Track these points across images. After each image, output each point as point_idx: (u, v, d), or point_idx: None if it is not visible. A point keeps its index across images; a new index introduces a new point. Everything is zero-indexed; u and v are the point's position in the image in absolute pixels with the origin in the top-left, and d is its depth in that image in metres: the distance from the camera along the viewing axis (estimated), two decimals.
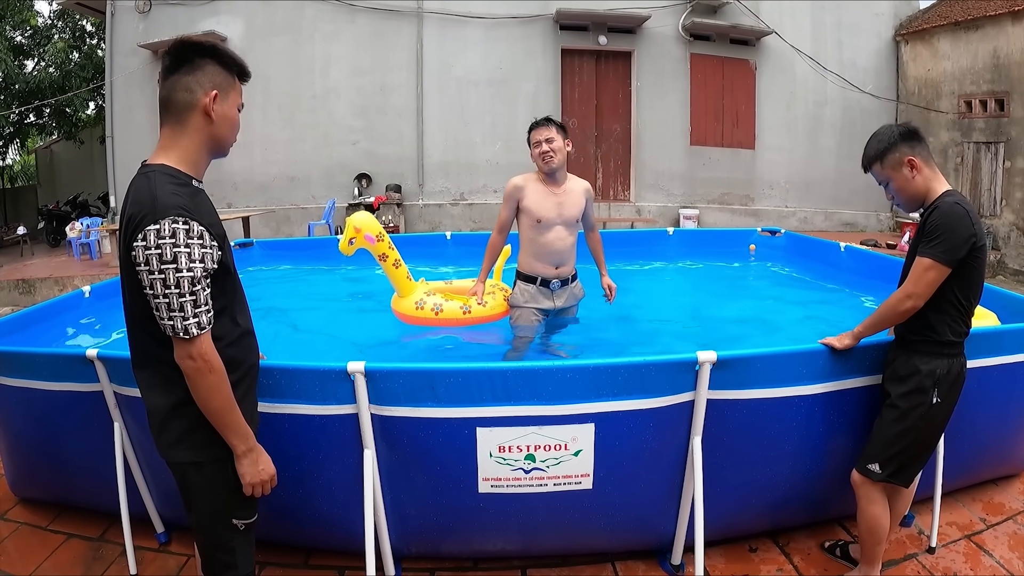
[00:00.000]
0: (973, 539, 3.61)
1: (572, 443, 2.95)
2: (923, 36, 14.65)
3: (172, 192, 2.05)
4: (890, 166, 2.96)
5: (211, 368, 2.09)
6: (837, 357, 3.16)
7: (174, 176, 2.12)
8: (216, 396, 2.13)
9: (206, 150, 2.25)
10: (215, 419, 2.17)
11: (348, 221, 4.85)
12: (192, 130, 2.19)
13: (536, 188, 4.55)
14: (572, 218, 4.57)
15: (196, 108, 2.17)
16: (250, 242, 7.90)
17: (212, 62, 2.20)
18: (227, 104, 2.23)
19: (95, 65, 18.93)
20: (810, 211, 15.43)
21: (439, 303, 4.90)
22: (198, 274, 2.04)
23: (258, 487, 2.31)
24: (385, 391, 2.90)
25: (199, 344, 2.07)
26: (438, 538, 3.31)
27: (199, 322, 2.05)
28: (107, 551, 3.60)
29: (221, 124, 2.23)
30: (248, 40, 14.13)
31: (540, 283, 4.64)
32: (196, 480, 2.30)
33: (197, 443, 2.24)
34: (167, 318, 2.03)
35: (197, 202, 2.12)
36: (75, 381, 3.29)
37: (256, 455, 2.29)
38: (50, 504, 4.01)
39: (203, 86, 2.17)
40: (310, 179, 14.39)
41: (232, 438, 2.21)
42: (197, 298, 2.04)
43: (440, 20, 14.03)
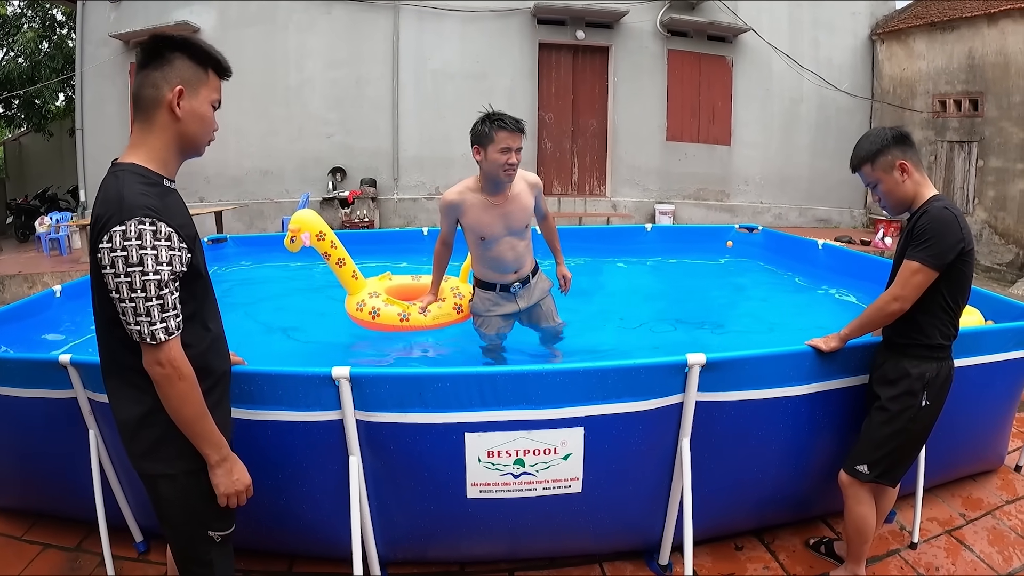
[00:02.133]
0: (953, 534, 3.67)
1: (561, 447, 2.93)
2: (899, 36, 14.77)
3: (140, 192, 1.98)
4: (881, 168, 2.97)
5: (181, 375, 2.03)
6: (823, 358, 3.18)
7: (143, 175, 2.05)
8: (187, 404, 2.06)
9: (175, 148, 2.16)
10: (186, 428, 2.10)
11: (292, 220, 4.75)
12: (159, 128, 2.11)
13: (476, 202, 4.16)
14: (520, 226, 4.24)
15: (162, 105, 2.08)
16: (223, 238, 7.78)
17: (182, 56, 2.12)
18: (196, 100, 2.14)
19: (65, 56, 18.63)
20: (785, 207, 15.54)
21: (377, 307, 4.74)
22: (165, 277, 1.96)
23: (233, 498, 2.25)
24: (371, 397, 2.86)
25: (167, 350, 1.99)
26: (425, 544, 3.28)
27: (167, 327, 1.98)
28: (85, 561, 3.52)
29: (189, 121, 2.14)
30: (221, 31, 13.93)
31: (499, 289, 4.42)
32: (169, 492, 2.22)
33: (168, 454, 2.17)
34: (134, 323, 1.96)
35: (167, 203, 2.06)
36: (48, 387, 3.19)
37: (230, 465, 2.23)
38: (25, 513, 3.91)
39: (169, 81, 2.09)
40: (284, 173, 14.25)
41: (205, 447, 2.15)
42: (165, 302, 1.97)
43: (417, 12, 13.94)
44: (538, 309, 4.55)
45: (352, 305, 4.89)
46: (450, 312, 4.72)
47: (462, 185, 4.22)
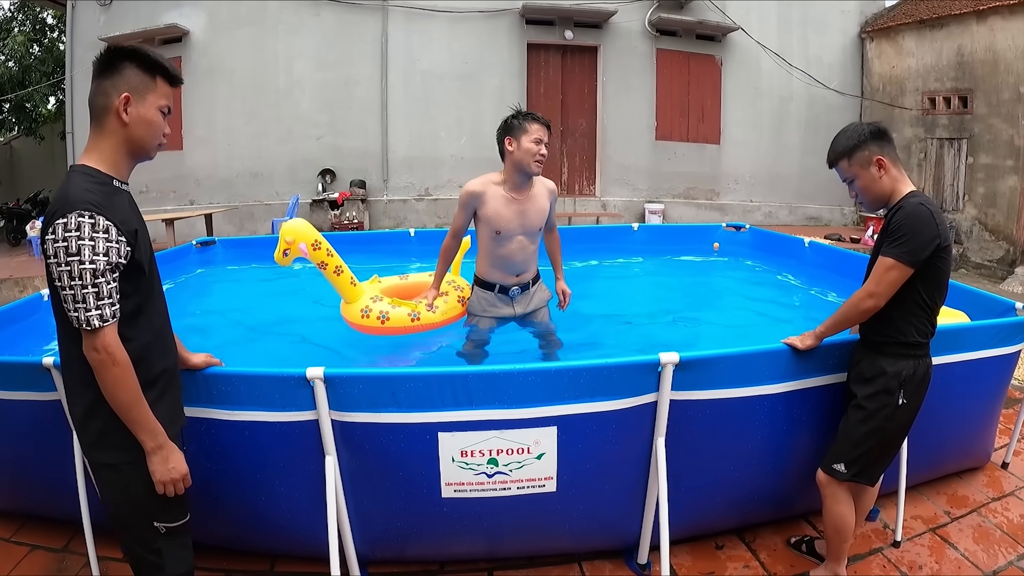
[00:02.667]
0: (938, 532, 3.67)
1: (535, 446, 2.95)
2: (888, 34, 14.80)
3: (85, 189, 2.12)
4: (858, 164, 2.97)
5: (115, 360, 2.13)
6: (799, 356, 3.18)
7: (92, 175, 2.19)
8: (121, 389, 2.16)
9: (124, 152, 2.28)
10: (122, 413, 2.20)
11: (281, 230, 4.56)
12: (109, 132, 2.24)
13: (496, 195, 4.22)
14: (535, 227, 4.30)
15: (110, 111, 2.21)
16: (212, 240, 7.78)
17: (131, 65, 2.23)
18: (143, 106, 2.25)
19: (56, 59, 18.59)
20: (775, 205, 15.55)
21: (385, 310, 4.60)
22: (101, 267, 2.07)
23: (169, 485, 2.32)
24: (345, 397, 2.87)
25: (102, 336, 2.10)
26: (403, 542, 3.29)
27: (102, 314, 2.08)
28: (71, 562, 3.54)
29: (136, 126, 2.25)
30: (211, 33, 13.96)
31: (498, 290, 4.43)
32: (112, 482, 2.34)
33: (112, 444, 2.27)
34: (73, 310, 2.08)
35: (112, 200, 2.17)
36: (32, 390, 3.21)
37: (166, 453, 2.30)
38: (13, 516, 3.92)
39: (118, 89, 2.21)
40: (274, 175, 14.22)
41: (140, 433, 2.23)
42: (100, 290, 2.07)
43: (405, 14, 13.92)
44: (533, 317, 4.55)
45: (355, 312, 4.69)
46: (456, 305, 4.70)
47: (485, 177, 4.27)
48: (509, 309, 4.45)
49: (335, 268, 4.67)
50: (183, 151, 14.13)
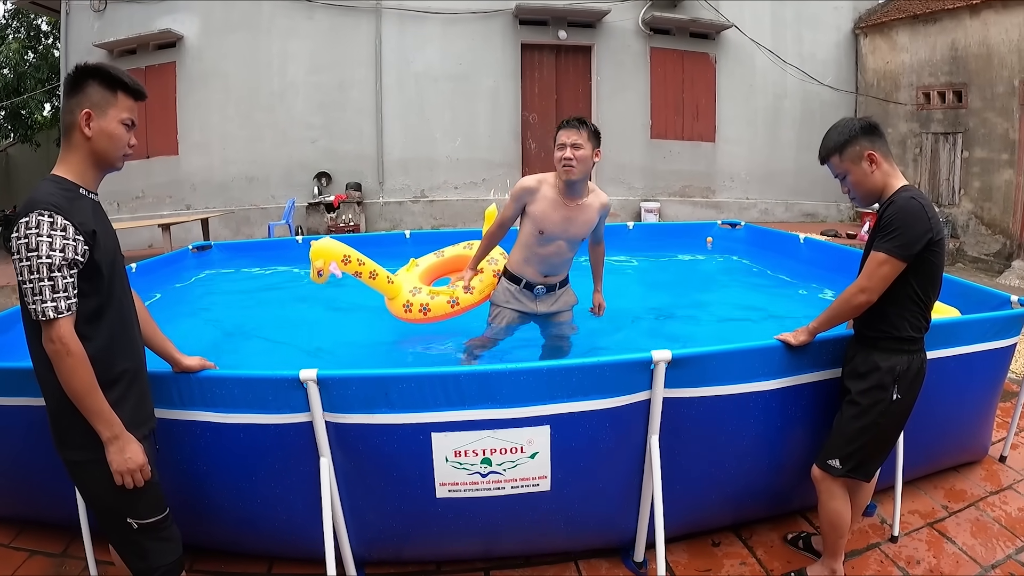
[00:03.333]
0: (935, 527, 3.66)
1: (528, 445, 2.95)
2: (882, 29, 14.80)
3: (48, 193, 2.25)
4: (849, 159, 2.96)
5: (68, 351, 2.21)
6: (793, 353, 3.19)
7: (59, 183, 2.32)
8: (75, 378, 2.24)
9: (90, 163, 2.41)
10: (77, 402, 2.27)
11: (312, 252, 4.61)
12: (74, 146, 2.38)
13: (548, 196, 4.22)
14: (578, 236, 4.29)
15: (75, 127, 2.36)
16: (208, 245, 7.79)
17: (93, 82, 2.37)
18: (104, 120, 2.38)
19: (51, 66, 18.57)
20: (771, 202, 15.56)
21: (425, 302, 4.74)
22: (56, 261, 2.17)
23: (127, 475, 2.37)
24: (339, 398, 2.89)
25: (57, 327, 2.19)
26: (399, 543, 3.30)
27: (56, 306, 2.18)
28: (70, 566, 3.56)
29: (99, 139, 2.38)
30: (205, 37, 13.97)
31: (524, 285, 4.45)
32: (80, 478, 2.47)
33: (76, 442, 2.37)
34: (31, 302, 2.19)
35: (74, 204, 2.28)
36: (26, 396, 3.21)
37: (123, 443, 2.35)
38: (12, 521, 3.94)
39: (80, 106, 2.35)
40: (269, 178, 14.22)
41: (96, 423, 2.31)
42: (55, 284, 2.17)
43: (399, 16, 13.92)
44: (555, 318, 4.59)
45: (398, 308, 4.84)
46: (492, 281, 4.79)
47: (543, 175, 4.31)
48: (531, 306, 4.49)
49: (370, 273, 4.77)
50: (179, 156, 14.15)
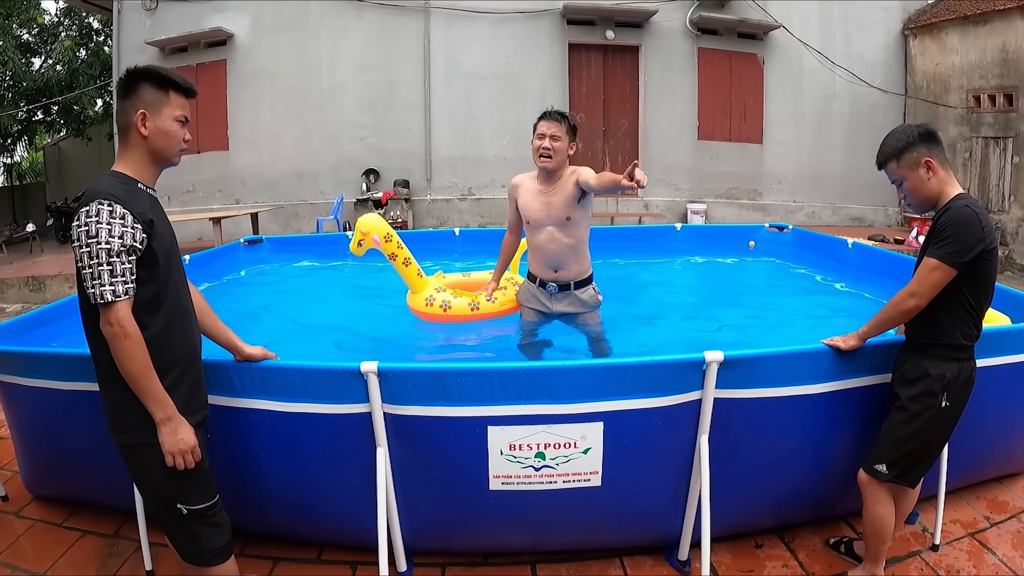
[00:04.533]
0: (976, 537, 3.62)
1: (581, 441, 3.00)
2: (931, 30, 14.57)
3: (108, 184, 2.38)
4: (906, 165, 2.97)
5: (126, 333, 2.30)
6: (842, 357, 3.19)
7: (117, 177, 2.44)
8: (131, 360, 2.33)
9: (148, 160, 2.53)
10: (132, 383, 2.36)
11: (357, 224, 4.86)
12: (132, 145, 2.50)
13: (529, 187, 4.45)
14: (561, 217, 4.34)
15: (131, 127, 2.47)
16: (259, 239, 7.94)
17: (145, 84, 2.48)
18: (159, 119, 2.49)
19: (102, 62, 18.99)
20: (818, 206, 15.39)
21: (447, 300, 4.89)
22: (115, 247, 2.27)
23: (177, 456, 2.44)
24: (398, 390, 2.96)
25: (115, 310, 2.29)
26: (449, 534, 3.35)
27: (115, 290, 2.28)
28: (122, 547, 3.65)
29: (155, 138, 2.49)
30: (255, 36, 14.20)
31: (539, 284, 4.56)
32: (133, 462, 2.55)
33: (128, 425, 2.47)
34: (90, 286, 2.29)
35: (133, 196, 2.40)
36: (89, 381, 3.28)
37: (175, 424, 2.44)
38: (64, 501, 4.07)
39: (135, 107, 2.46)
40: (318, 175, 14.42)
41: (150, 404, 2.39)
42: (114, 269, 2.28)
43: (447, 15, 14.03)
44: (575, 320, 4.60)
45: (419, 301, 5.00)
46: (513, 298, 4.92)
47: (525, 173, 4.51)
48: (548, 304, 4.55)
49: (404, 259, 4.98)
50: (229, 152, 14.41)
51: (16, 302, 11.15)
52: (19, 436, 4.03)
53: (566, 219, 4.35)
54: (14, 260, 14.27)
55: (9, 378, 3.73)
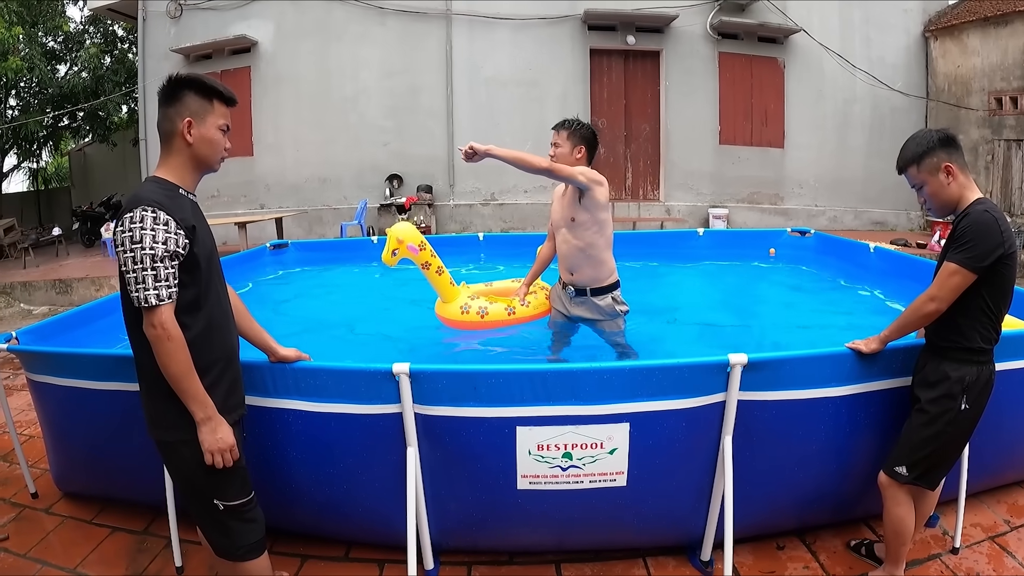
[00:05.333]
0: (996, 540, 3.62)
1: (608, 442, 3.05)
2: (952, 32, 14.52)
3: (151, 191, 2.43)
4: (926, 170, 2.98)
5: (169, 336, 2.36)
6: (864, 360, 3.22)
7: (159, 183, 2.50)
8: (173, 361, 2.38)
9: (191, 167, 2.59)
10: (174, 384, 2.42)
11: (390, 233, 4.84)
12: (176, 151, 2.56)
13: (556, 193, 4.61)
14: (567, 217, 4.42)
15: (176, 134, 2.53)
16: (285, 243, 8.06)
17: (190, 92, 2.55)
18: (204, 127, 2.56)
19: (127, 69, 19.19)
20: (840, 210, 15.36)
21: (484, 306, 4.90)
22: (159, 253, 2.33)
23: (217, 455, 2.50)
24: (429, 391, 3.02)
25: (159, 313, 2.34)
26: (476, 532, 3.40)
27: (159, 294, 2.33)
28: (151, 544, 3.72)
29: (200, 145, 2.56)
30: (278, 43, 14.36)
31: (562, 286, 4.63)
32: (171, 459, 2.62)
33: (167, 423, 2.53)
34: (134, 290, 2.33)
35: (175, 202, 2.46)
36: (120, 381, 3.44)
37: (215, 424, 2.50)
38: (94, 498, 4.16)
39: (180, 115, 2.52)
40: (342, 180, 14.56)
41: (191, 404, 2.45)
42: (158, 273, 2.33)
43: (468, 21, 14.14)
44: (593, 325, 4.63)
45: (453, 310, 4.99)
46: (545, 302, 4.97)
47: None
48: (567, 307, 4.62)
49: (437, 268, 4.96)
50: (253, 157, 14.56)
51: (43, 304, 11.31)
52: (50, 434, 4.14)
53: (571, 220, 4.42)
54: (40, 263, 14.42)
55: (42, 377, 3.85)
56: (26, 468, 4.32)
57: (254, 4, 14.39)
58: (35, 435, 5.00)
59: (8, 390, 5.99)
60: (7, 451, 4.91)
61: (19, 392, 6.06)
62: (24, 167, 25.32)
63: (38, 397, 4.03)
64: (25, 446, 4.72)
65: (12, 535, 3.87)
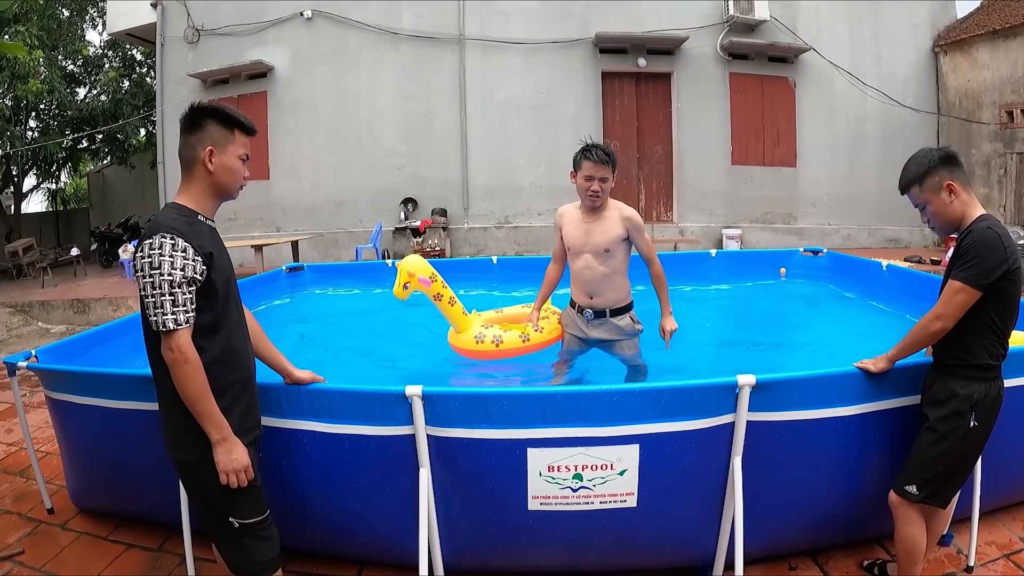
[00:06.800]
0: (1012, 558, 3.59)
1: (618, 463, 3.08)
2: (961, 46, 14.52)
3: (171, 218, 2.49)
4: (929, 189, 3.00)
5: (186, 359, 2.42)
6: (872, 379, 3.23)
7: (179, 210, 2.56)
8: (190, 384, 2.44)
9: (211, 194, 2.65)
10: (190, 405, 2.47)
11: (400, 267, 4.81)
12: (196, 179, 2.62)
13: (573, 216, 4.55)
14: (599, 247, 4.42)
15: (197, 162, 2.59)
16: (300, 266, 8.13)
17: (212, 121, 2.61)
18: (225, 156, 2.62)
19: (145, 93, 19.45)
20: (853, 228, 15.33)
21: (498, 335, 4.88)
22: (177, 279, 2.39)
23: (232, 475, 2.55)
24: (441, 413, 3.07)
25: (176, 337, 2.40)
26: (488, 553, 3.43)
27: (176, 319, 2.39)
28: (166, 561, 3.77)
29: (220, 173, 2.62)
30: (294, 68, 14.54)
31: (577, 310, 4.64)
32: (188, 477, 2.66)
33: (185, 443, 2.57)
34: (152, 315, 2.40)
35: (194, 229, 2.52)
36: (137, 400, 3.52)
37: (230, 445, 2.55)
38: (110, 515, 4.22)
39: (202, 143, 2.58)
40: (357, 203, 14.68)
41: (207, 425, 2.50)
42: (176, 299, 2.39)
43: (481, 46, 14.27)
44: (611, 348, 4.66)
45: (468, 340, 4.94)
46: (557, 326, 4.98)
47: (571, 204, 4.62)
48: (585, 330, 4.63)
49: (449, 299, 4.96)
50: (269, 181, 14.71)
51: (60, 323, 11.42)
52: (67, 451, 4.22)
53: (605, 251, 4.44)
54: (59, 283, 14.63)
55: (61, 395, 3.94)
56: (43, 484, 4.39)
57: (270, 30, 14.59)
58: (52, 452, 5.07)
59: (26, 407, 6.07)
60: (24, 467, 5.00)
61: (36, 409, 6.16)
62: (43, 188, 25.62)
63: (56, 414, 4.12)
64: (42, 462, 4.79)
65: (28, 550, 3.94)
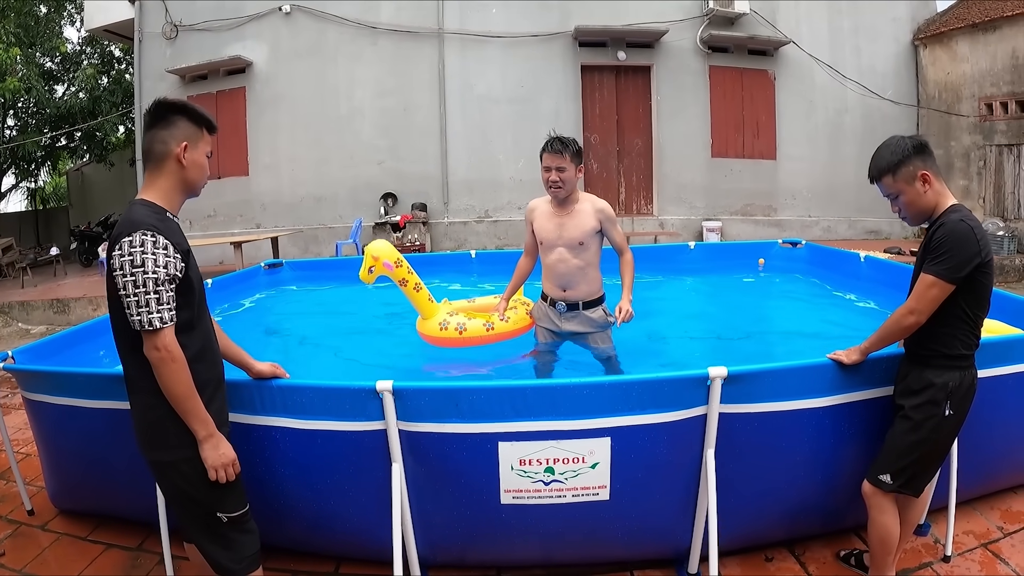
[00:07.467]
0: (989, 547, 3.61)
1: (589, 456, 3.07)
2: (941, 39, 14.57)
3: (145, 215, 2.47)
4: (903, 179, 2.95)
5: (173, 357, 2.41)
6: (845, 371, 3.24)
7: (149, 207, 2.54)
8: (177, 382, 2.44)
9: (179, 190, 2.65)
10: (177, 404, 2.47)
11: (366, 250, 4.82)
12: (167, 174, 2.60)
13: (544, 210, 4.55)
14: (573, 240, 4.42)
15: (169, 156, 2.58)
16: (279, 263, 8.10)
17: (183, 118, 2.61)
18: (196, 152, 2.63)
19: (124, 89, 19.32)
20: (833, 220, 15.37)
21: (462, 322, 4.87)
22: (161, 277, 2.38)
23: (220, 470, 2.57)
24: (412, 408, 3.06)
25: (162, 336, 2.39)
26: (463, 547, 3.43)
27: (161, 317, 2.38)
28: (145, 560, 3.77)
29: (191, 169, 2.63)
30: (273, 64, 14.45)
31: (549, 303, 4.63)
32: (171, 478, 2.63)
33: (166, 443, 2.56)
34: (135, 314, 2.37)
35: (167, 225, 2.51)
36: (114, 399, 3.48)
37: (216, 441, 2.57)
38: (89, 515, 4.20)
39: (175, 138, 2.58)
40: (337, 199, 14.60)
41: (193, 423, 2.50)
42: (160, 297, 2.38)
43: (460, 40, 14.21)
44: (584, 340, 4.66)
45: (432, 326, 4.95)
46: (525, 317, 4.96)
47: (542, 197, 4.59)
48: (557, 323, 4.62)
49: (415, 285, 4.95)
50: (249, 177, 14.63)
51: (41, 324, 11.35)
52: (45, 452, 4.19)
53: (579, 244, 4.44)
54: (38, 283, 14.52)
55: (37, 396, 3.91)
56: (22, 486, 4.37)
57: (249, 25, 14.48)
58: (31, 453, 5.03)
59: (5, 409, 6.04)
60: (4, 469, 4.95)
61: (16, 411, 6.11)
62: (22, 187, 25.46)
63: (34, 416, 4.10)
64: (21, 464, 4.75)
65: (8, 551, 3.92)
